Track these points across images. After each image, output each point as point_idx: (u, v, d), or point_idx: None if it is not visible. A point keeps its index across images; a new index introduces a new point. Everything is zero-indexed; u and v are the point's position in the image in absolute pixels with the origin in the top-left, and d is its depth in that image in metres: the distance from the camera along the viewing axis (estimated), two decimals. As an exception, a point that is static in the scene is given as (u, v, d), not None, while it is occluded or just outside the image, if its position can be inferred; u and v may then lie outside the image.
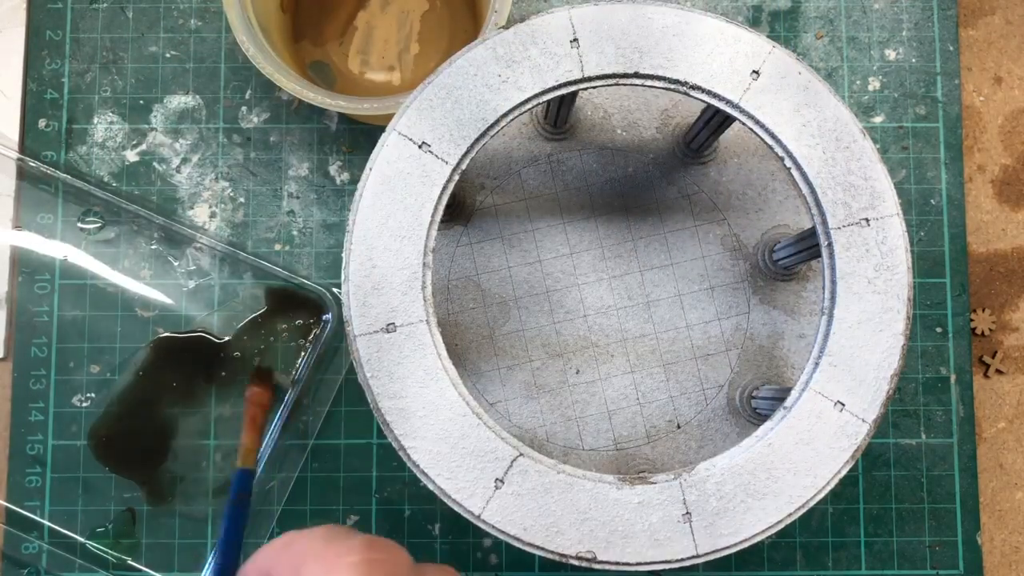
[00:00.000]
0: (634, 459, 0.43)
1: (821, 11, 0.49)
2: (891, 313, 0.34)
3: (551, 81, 0.34)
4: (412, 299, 0.33)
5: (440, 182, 0.34)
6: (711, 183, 0.45)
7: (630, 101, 0.45)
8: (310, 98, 0.41)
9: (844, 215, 0.34)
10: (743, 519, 0.32)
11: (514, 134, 0.45)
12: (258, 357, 0.46)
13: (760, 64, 0.35)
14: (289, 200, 0.48)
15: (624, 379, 0.44)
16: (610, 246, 0.44)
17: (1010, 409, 0.48)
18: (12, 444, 0.46)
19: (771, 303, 0.44)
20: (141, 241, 0.48)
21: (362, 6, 0.49)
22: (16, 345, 0.47)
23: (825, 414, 0.33)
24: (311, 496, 0.46)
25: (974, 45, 0.50)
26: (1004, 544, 0.47)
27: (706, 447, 0.43)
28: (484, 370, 0.44)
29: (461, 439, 0.32)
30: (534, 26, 0.35)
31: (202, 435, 0.46)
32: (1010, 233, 0.49)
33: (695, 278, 0.44)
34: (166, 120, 0.48)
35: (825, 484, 0.33)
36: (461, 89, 0.34)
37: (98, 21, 0.49)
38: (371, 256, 0.33)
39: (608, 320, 0.44)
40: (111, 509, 0.46)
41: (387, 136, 0.34)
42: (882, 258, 0.34)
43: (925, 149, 0.49)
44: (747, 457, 0.33)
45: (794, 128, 0.34)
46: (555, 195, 0.45)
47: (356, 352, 0.33)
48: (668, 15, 0.35)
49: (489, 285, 0.44)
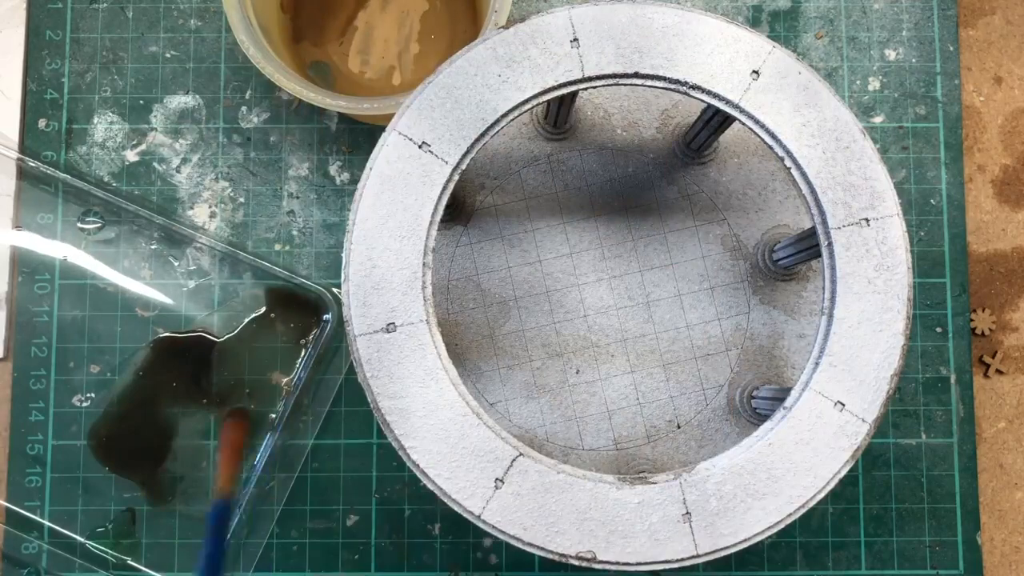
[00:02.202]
0: (634, 459, 0.43)
1: (821, 11, 0.49)
2: (891, 313, 0.34)
3: (551, 81, 0.34)
4: (412, 299, 0.33)
5: (440, 182, 0.34)
6: (711, 183, 0.45)
7: (630, 101, 0.45)
8: (310, 98, 0.41)
9: (844, 215, 0.34)
10: (743, 519, 0.32)
11: (514, 134, 0.45)
12: (237, 401, 0.46)
13: (760, 64, 0.35)
14: (289, 200, 0.48)
15: (624, 379, 0.44)
16: (610, 246, 0.44)
17: (1010, 409, 0.48)
18: (12, 444, 0.46)
19: (771, 303, 0.44)
20: (141, 241, 0.48)
21: (362, 6, 0.49)
22: (16, 345, 0.47)
23: (825, 414, 0.33)
24: (311, 496, 0.46)
25: (974, 45, 0.50)
26: (1004, 544, 0.47)
27: (706, 447, 0.43)
28: (484, 370, 0.44)
29: (461, 439, 0.32)
30: (534, 26, 0.35)
31: (202, 435, 0.46)
32: (1010, 233, 0.49)
33: (695, 278, 0.44)
34: (166, 120, 0.48)
35: (825, 484, 0.33)
36: (461, 89, 0.34)
37: (98, 21, 0.49)
38: (371, 256, 0.33)
39: (608, 320, 0.44)
40: (111, 509, 0.46)
41: (387, 136, 0.34)
42: (882, 258, 0.34)
43: (925, 149, 0.49)
44: (747, 457, 0.33)
45: (794, 128, 0.34)
46: (555, 195, 0.45)
47: (356, 352, 0.33)
48: (668, 15, 0.35)
49: (489, 285, 0.44)
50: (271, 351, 0.47)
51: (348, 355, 0.47)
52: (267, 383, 0.47)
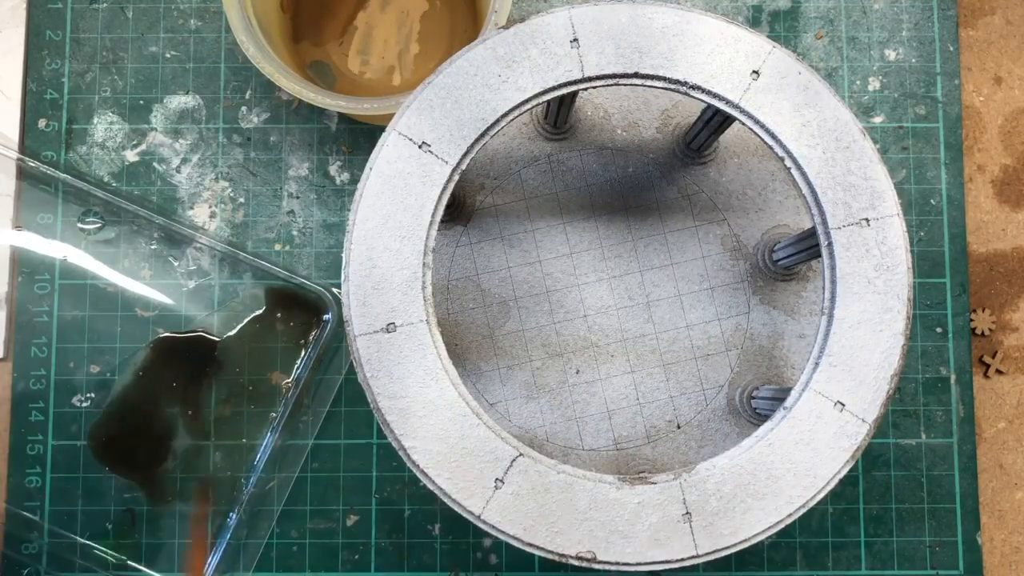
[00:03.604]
0: (634, 459, 0.43)
1: (821, 11, 0.49)
2: (891, 313, 0.34)
3: (551, 81, 0.34)
4: (412, 299, 0.33)
5: (440, 182, 0.34)
6: (711, 183, 0.45)
7: (630, 101, 0.45)
8: (310, 98, 0.41)
9: (844, 215, 0.34)
10: (743, 519, 0.32)
11: (514, 134, 0.45)
12: (199, 480, 0.45)
13: (760, 64, 0.35)
14: (289, 200, 0.48)
15: (624, 379, 0.44)
16: (610, 246, 0.44)
17: (1010, 409, 0.48)
18: (12, 444, 0.46)
19: (771, 303, 0.44)
20: (141, 241, 0.48)
21: (362, 6, 0.49)
22: (16, 345, 0.47)
23: (825, 414, 0.33)
24: (311, 496, 0.46)
25: (974, 45, 0.50)
26: (1004, 544, 0.47)
27: (706, 447, 0.43)
28: (484, 370, 0.44)
29: (461, 439, 0.32)
30: (534, 26, 0.35)
31: (202, 435, 0.46)
32: (1010, 233, 0.49)
33: (695, 278, 0.44)
34: (166, 120, 0.48)
35: (825, 484, 0.33)
36: (461, 89, 0.34)
37: (98, 21, 0.49)
38: (371, 256, 0.33)
39: (608, 320, 0.44)
40: (111, 509, 0.46)
41: (387, 136, 0.34)
42: (882, 258, 0.34)
43: (925, 149, 0.49)
44: (747, 457, 0.33)
45: (794, 128, 0.34)
46: (555, 195, 0.45)
47: (356, 352, 0.33)
48: (668, 15, 0.35)
49: (489, 285, 0.44)
50: (271, 351, 0.47)
51: (348, 355, 0.47)
52: (267, 383, 0.47)
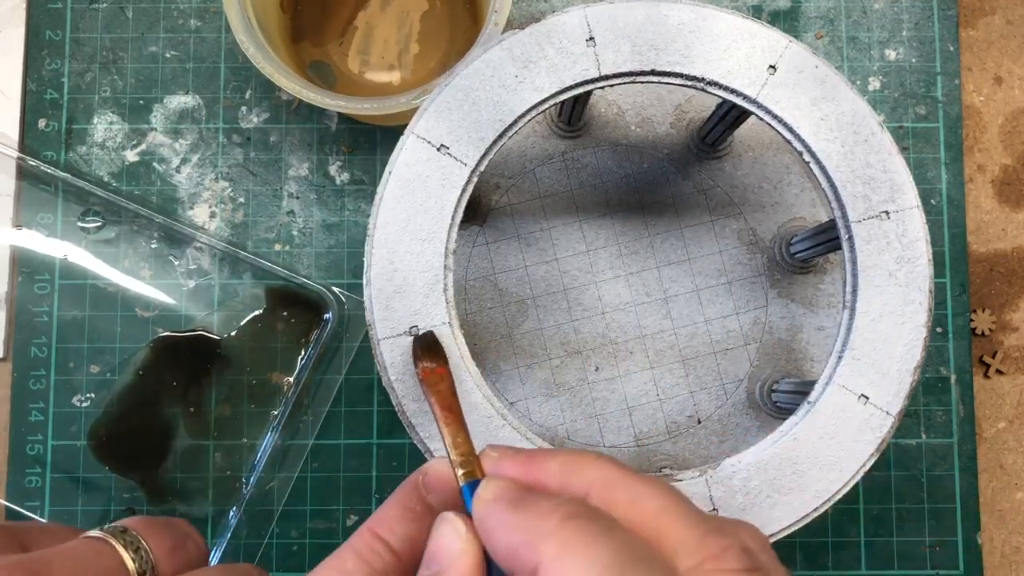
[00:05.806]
0: (655, 455, 0.43)
1: (821, 11, 0.49)
2: (913, 305, 0.33)
3: (568, 80, 0.34)
4: (434, 302, 0.33)
5: (459, 184, 0.34)
6: (726, 177, 0.45)
7: (643, 97, 0.45)
8: (310, 98, 0.40)
9: (864, 208, 0.34)
10: (769, 514, 0.32)
11: (528, 133, 0.45)
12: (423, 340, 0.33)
13: (776, 59, 0.34)
14: (289, 200, 0.48)
15: (643, 375, 0.44)
16: (626, 243, 0.44)
17: (1010, 409, 0.48)
18: (12, 444, 0.46)
19: (789, 296, 0.44)
20: (141, 241, 0.47)
21: (362, 6, 0.49)
22: (16, 345, 0.47)
23: (849, 408, 0.33)
24: (311, 496, 0.46)
25: (974, 45, 0.50)
26: (1004, 544, 0.47)
27: (727, 442, 0.43)
28: (503, 369, 0.44)
29: (487, 441, 0.32)
30: (550, 26, 0.34)
31: (202, 435, 0.46)
32: (1010, 233, 0.49)
33: (712, 273, 0.44)
34: (166, 120, 0.48)
35: (851, 478, 0.32)
36: (478, 91, 0.34)
37: (98, 21, 0.49)
38: (392, 260, 0.33)
39: (626, 317, 0.44)
40: (111, 509, 0.46)
41: (405, 139, 0.34)
42: (903, 250, 0.34)
43: (925, 149, 0.49)
44: (772, 452, 0.32)
45: (812, 122, 0.34)
46: (570, 193, 0.45)
47: (380, 356, 0.33)
48: (683, 12, 0.35)
49: (506, 284, 0.44)
50: (271, 351, 0.47)
51: (348, 355, 0.47)
52: (267, 383, 0.47)
